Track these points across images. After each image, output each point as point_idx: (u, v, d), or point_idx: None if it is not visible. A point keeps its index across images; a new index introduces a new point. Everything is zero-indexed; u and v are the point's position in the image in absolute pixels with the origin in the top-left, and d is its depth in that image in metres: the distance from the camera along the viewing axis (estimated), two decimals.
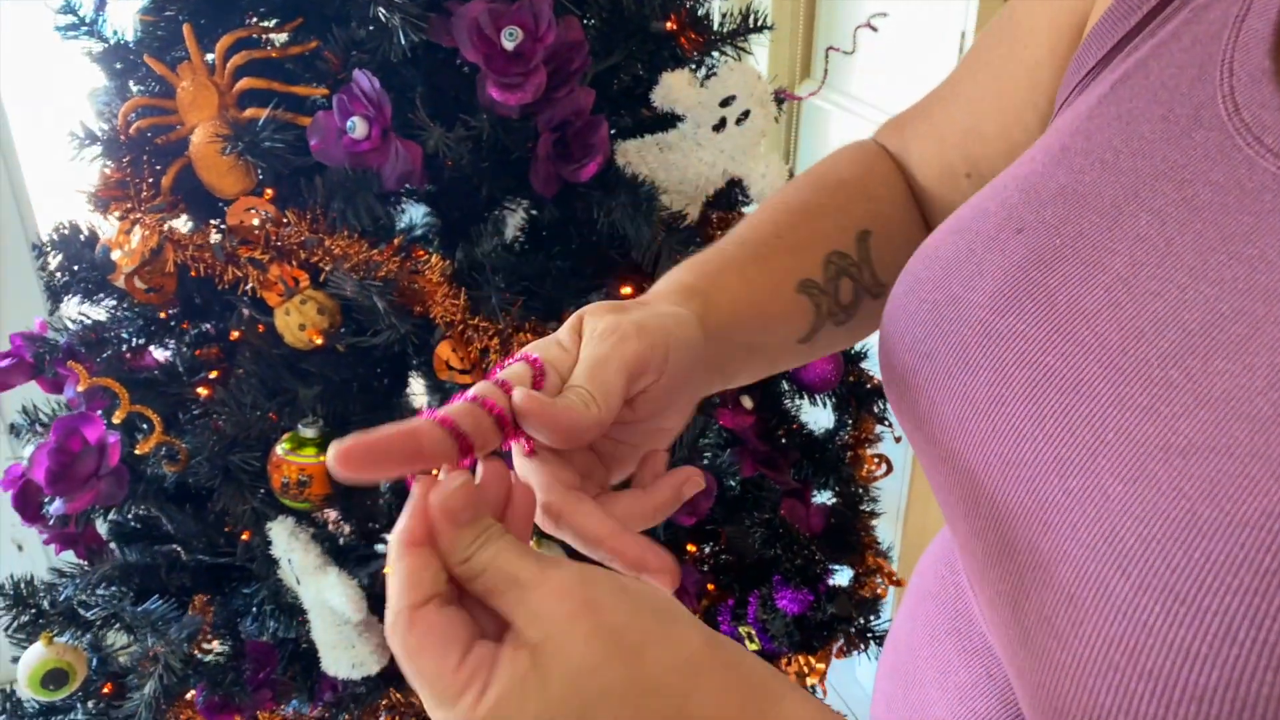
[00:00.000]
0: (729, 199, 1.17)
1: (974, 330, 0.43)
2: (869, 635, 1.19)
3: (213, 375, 1.24)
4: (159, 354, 1.30)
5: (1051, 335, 0.40)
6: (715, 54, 1.13)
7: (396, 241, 1.03)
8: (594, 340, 0.44)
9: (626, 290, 1.16)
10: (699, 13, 1.12)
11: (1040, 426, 0.39)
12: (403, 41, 0.94)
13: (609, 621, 0.35)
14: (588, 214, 1.05)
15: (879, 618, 1.31)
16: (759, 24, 1.17)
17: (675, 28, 1.11)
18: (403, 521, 0.38)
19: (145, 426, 1.09)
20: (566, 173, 1.01)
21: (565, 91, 0.98)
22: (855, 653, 1.27)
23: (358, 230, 1.02)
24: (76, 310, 1.18)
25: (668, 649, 0.35)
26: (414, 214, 1.22)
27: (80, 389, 1.04)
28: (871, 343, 1.40)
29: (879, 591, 1.37)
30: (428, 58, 1.01)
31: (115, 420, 1.04)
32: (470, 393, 0.42)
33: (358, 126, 0.97)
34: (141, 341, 1.18)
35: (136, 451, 1.05)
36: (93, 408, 1.17)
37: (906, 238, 0.63)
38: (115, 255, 1.07)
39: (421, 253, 1.04)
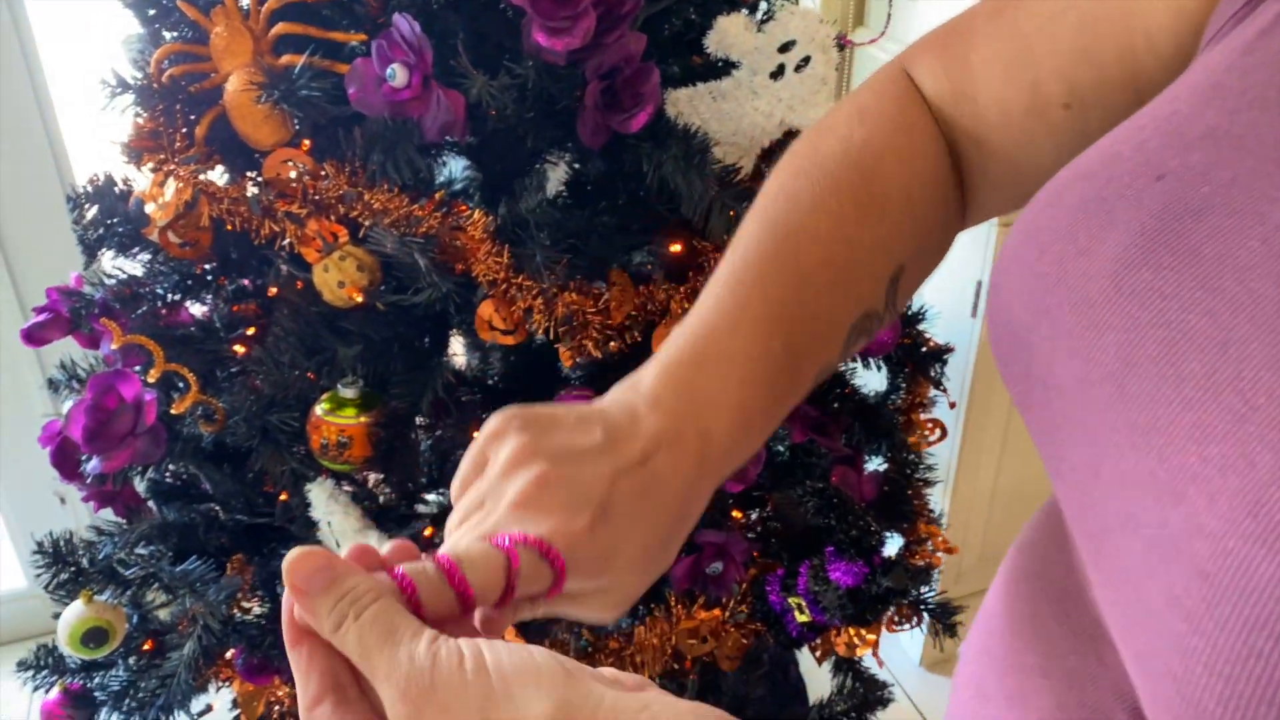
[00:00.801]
0: (783, 152, 1.11)
1: (1103, 286, 0.38)
2: (922, 607, 1.15)
3: (250, 332, 1.21)
4: (195, 310, 1.27)
5: (1195, 291, 0.36)
6: None
7: (438, 196, 0.99)
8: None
9: (675, 248, 1.11)
10: None
11: (1178, 390, 0.35)
12: None
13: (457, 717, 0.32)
14: (636, 167, 1.00)
15: (930, 588, 1.27)
16: None
17: None
18: (285, 621, 0.36)
19: (181, 385, 1.06)
20: (615, 123, 0.96)
21: (615, 36, 0.92)
22: (907, 625, 1.23)
23: (397, 184, 0.98)
24: (111, 265, 1.16)
25: None
26: (454, 168, 1.18)
27: (114, 346, 1.02)
28: (929, 303, 1.35)
29: (932, 560, 1.33)
30: (470, 1, 0.96)
31: (150, 378, 1.01)
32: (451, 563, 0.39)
33: (398, 74, 0.93)
34: (177, 297, 1.15)
35: (172, 410, 1.03)
36: (129, 365, 1.14)
37: (937, 248, 0.58)
38: (149, 208, 1.04)
39: (463, 208, 1.00)
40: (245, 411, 1.04)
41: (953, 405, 1.32)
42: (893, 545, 1.31)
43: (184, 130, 1.02)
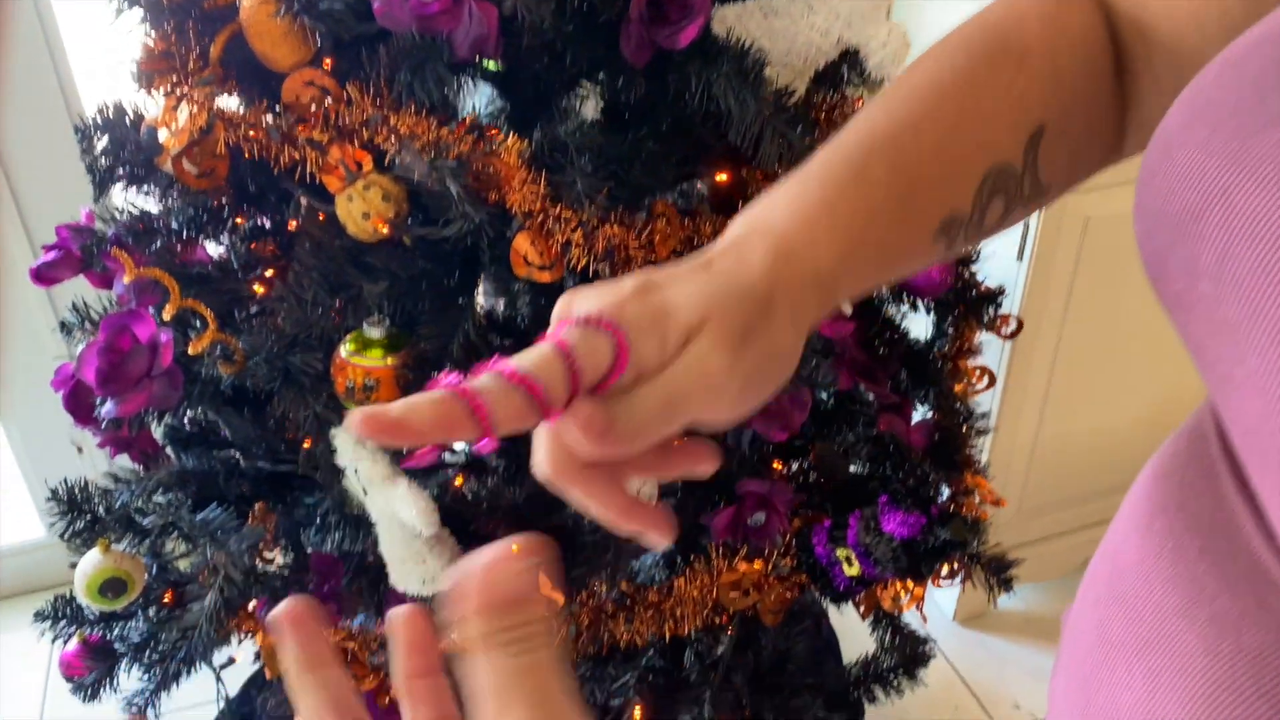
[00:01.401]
0: (836, 76, 1.04)
1: None
2: (975, 560, 1.10)
3: (269, 274, 1.15)
4: (212, 249, 1.21)
5: None
6: None
7: (469, 119, 0.92)
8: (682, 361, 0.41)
9: (722, 177, 1.04)
10: None
11: None
12: None
13: None
14: (681, 88, 0.93)
15: (983, 540, 1.21)
16: None
17: None
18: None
19: (198, 324, 1.00)
20: (661, 37, 0.89)
21: None
22: (957, 579, 1.17)
23: (425, 106, 0.91)
24: (124, 201, 1.10)
25: None
26: (478, 101, 1.11)
27: (127, 280, 0.96)
28: (993, 244, 1.28)
29: (979, 513, 1.27)
30: None
31: (165, 316, 0.95)
32: (512, 367, 0.38)
33: None
34: (193, 234, 1.09)
35: (189, 351, 0.97)
36: (143, 304, 1.09)
37: (1088, 125, 0.52)
38: (162, 135, 0.97)
39: (495, 132, 0.93)
40: (266, 352, 0.98)
41: (1016, 332, 1.25)
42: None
43: (197, 51, 0.95)
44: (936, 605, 2.02)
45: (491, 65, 1.01)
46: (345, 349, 1.00)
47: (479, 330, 1.00)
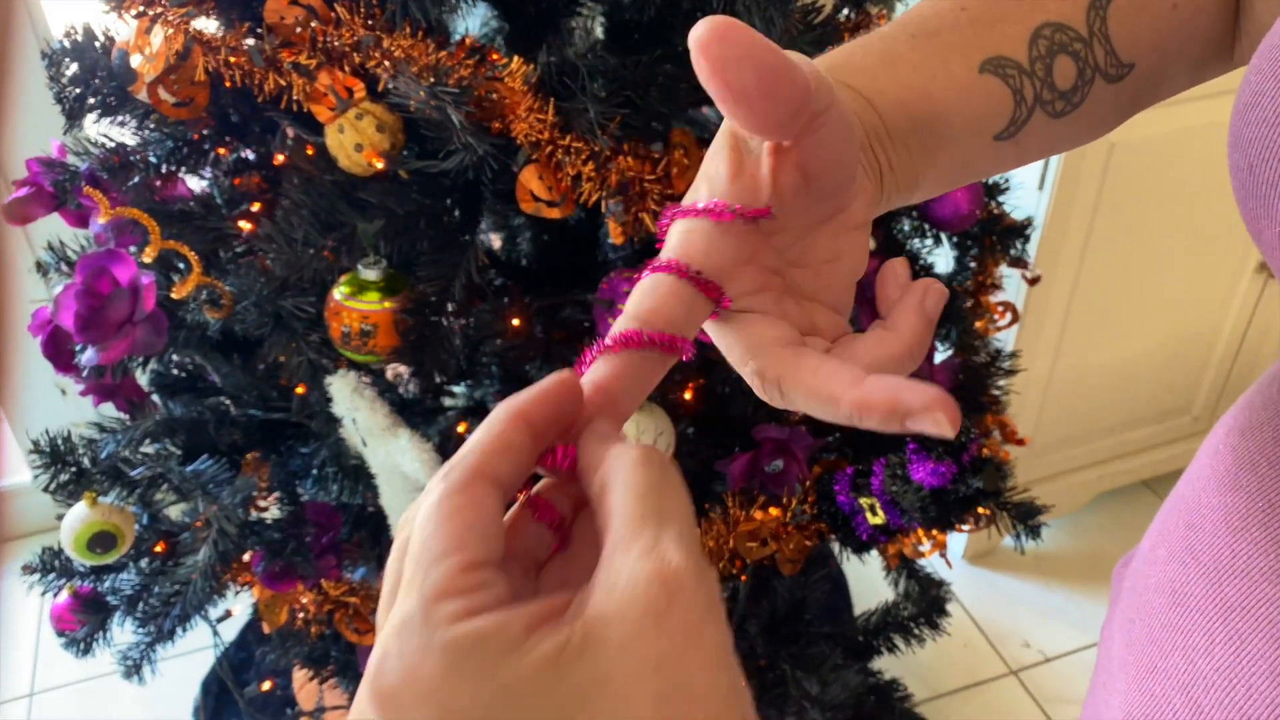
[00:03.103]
0: None
1: None
2: (1004, 506, 1.05)
3: (254, 208, 1.08)
4: (194, 184, 1.14)
5: None
6: None
7: (468, 41, 0.85)
8: None
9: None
10: None
11: None
12: None
13: (686, 671, 0.26)
14: (698, 4, 0.86)
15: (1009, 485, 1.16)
16: None
17: None
18: (525, 395, 0.31)
19: (182, 266, 0.94)
20: None
21: None
22: (980, 525, 1.13)
23: (422, 27, 0.84)
24: (97, 133, 1.02)
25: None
26: (471, 24, 1.03)
27: (102, 220, 0.89)
28: (1014, 174, 1.21)
29: (1001, 454, 1.22)
30: None
31: (146, 258, 0.89)
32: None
33: None
34: (172, 167, 1.02)
35: (173, 295, 0.91)
36: (122, 244, 1.02)
37: (1177, 7, 0.45)
38: (135, 61, 0.90)
39: (497, 55, 0.86)
40: (255, 295, 0.92)
41: (1036, 280, 1.19)
42: None
43: None
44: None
45: None
46: (339, 292, 0.94)
47: (481, 270, 0.94)
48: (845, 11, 0.99)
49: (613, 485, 0.29)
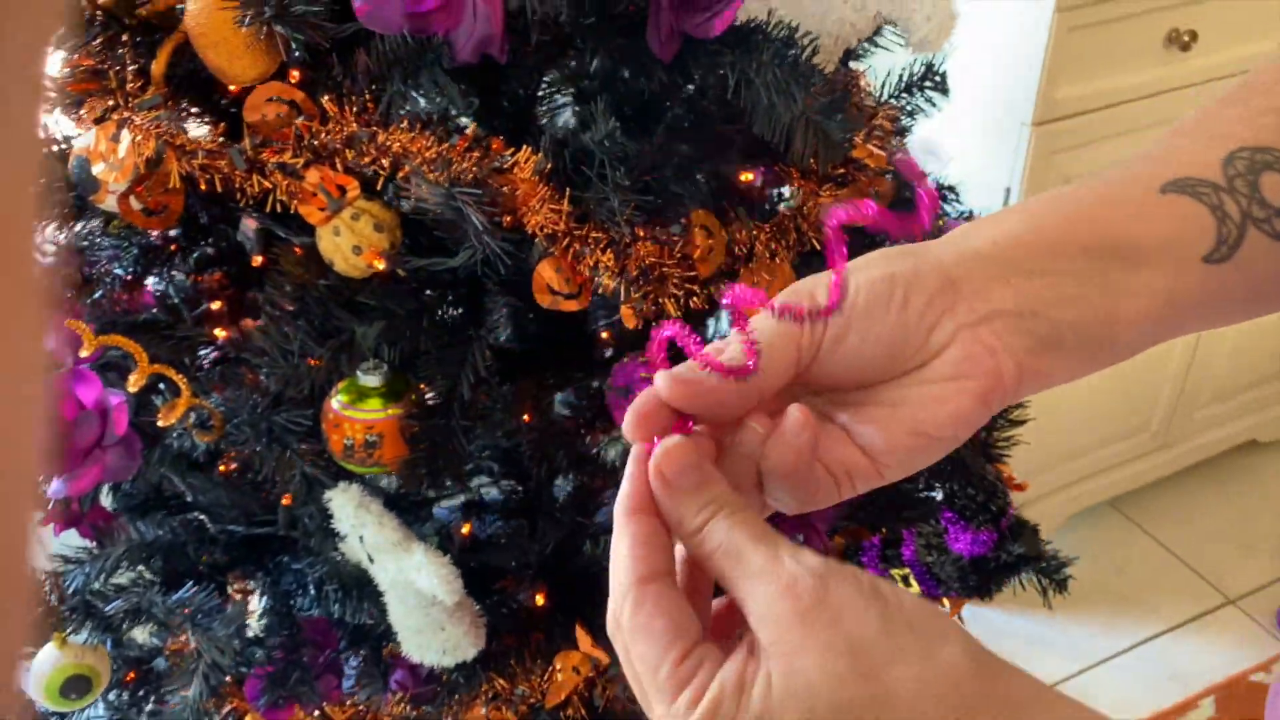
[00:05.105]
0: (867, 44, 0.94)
1: None
2: (1031, 564, 1.02)
3: (215, 306, 1.01)
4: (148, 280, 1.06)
5: None
6: None
7: (470, 132, 0.80)
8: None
9: (747, 177, 0.93)
10: None
11: None
12: None
13: (851, 632, 0.31)
14: (707, 80, 0.82)
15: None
16: None
17: None
18: (623, 488, 0.35)
19: (162, 386, 0.86)
20: (693, 26, 0.77)
21: None
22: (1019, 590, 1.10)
23: (419, 120, 0.78)
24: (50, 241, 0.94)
25: (922, 672, 0.31)
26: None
27: (85, 353, 0.81)
28: (978, 201, 1.20)
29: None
30: None
31: (131, 387, 0.81)
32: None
33: None
34: (136, 272, 0.94)
35: (160, 423, 0.83)
36: (82, 361, 0.93)
37: None
38: (98, 169, 0.82)
39: (499, 144, 0.80)
40: (247, 413, 0.84)
41: None
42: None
43: (135, 67, 0.80)
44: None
45: None
46: (338, 401, 0.87)
47: (489, 367, 0.88)
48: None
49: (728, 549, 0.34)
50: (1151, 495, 2.07)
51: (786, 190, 1.01)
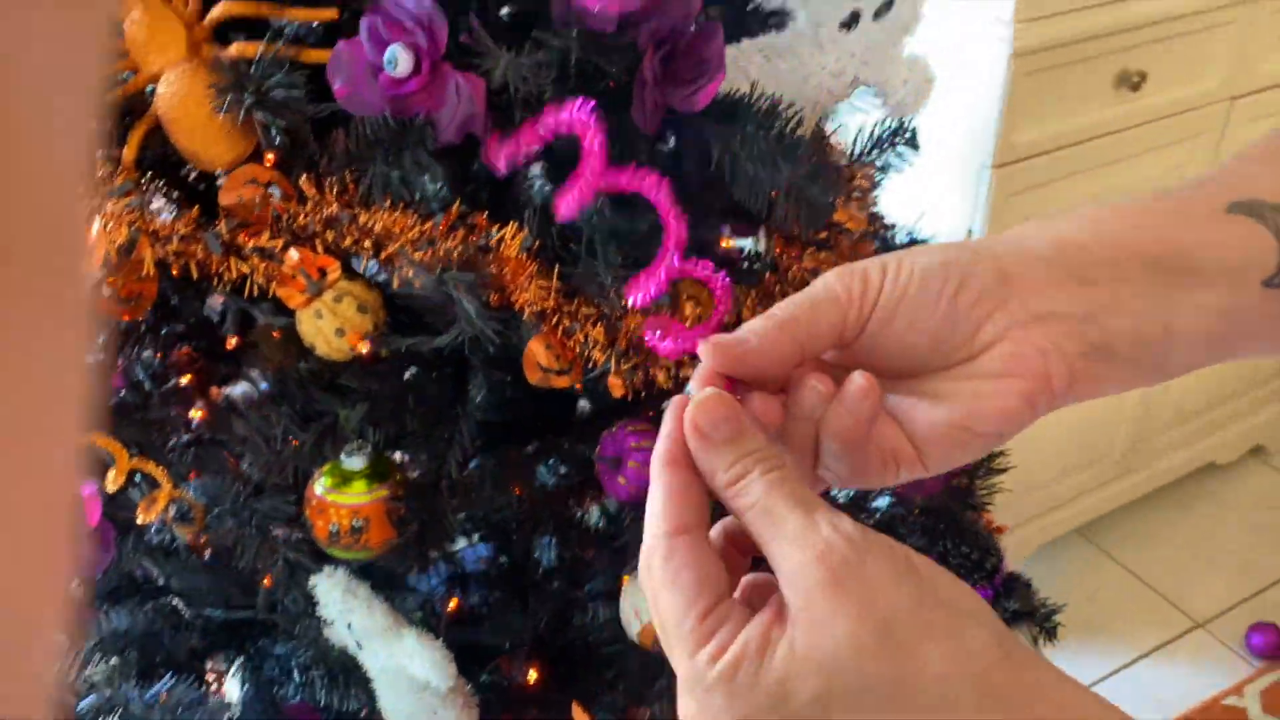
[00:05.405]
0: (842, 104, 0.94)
1: None
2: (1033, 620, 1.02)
3: (185, 380, 0.98)
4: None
5: None
6: None
7: (454, 210, 0.78)
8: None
9: (728, 244, 0.93)
10: None
11: None
12: None
13: (882, 605, 0.31)
14: (692, 151, 0.82)
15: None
16: None
17: None
18: (659, 440, 0.36)
19: (139, 478, 0.83)
20: (678, 99, 0.77)
21: None
22: None
23: (403, 200, 0.77)
24: None
25: (952, 652, 0.31)
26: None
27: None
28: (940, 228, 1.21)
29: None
30: None
31: (110, 487, 0.78)
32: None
33: (400, 60, 0.71)
34: (102, 357, 0.91)
35: (140, 520, 0.80)
36: None
37: None
38: None
39: (483, 220, 0.79)
40: (230, 502, 0.82)
41: None
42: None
43: (104, 153, 0.78)
44: None
45: None
46: (321, 485, 0.85)
47: (475, 444, 0.86)
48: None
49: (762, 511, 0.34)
50: (1117, 521, 2.10)
51: (758, 245, 1.01)
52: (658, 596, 0.33)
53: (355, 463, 0.85)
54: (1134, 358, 0.37)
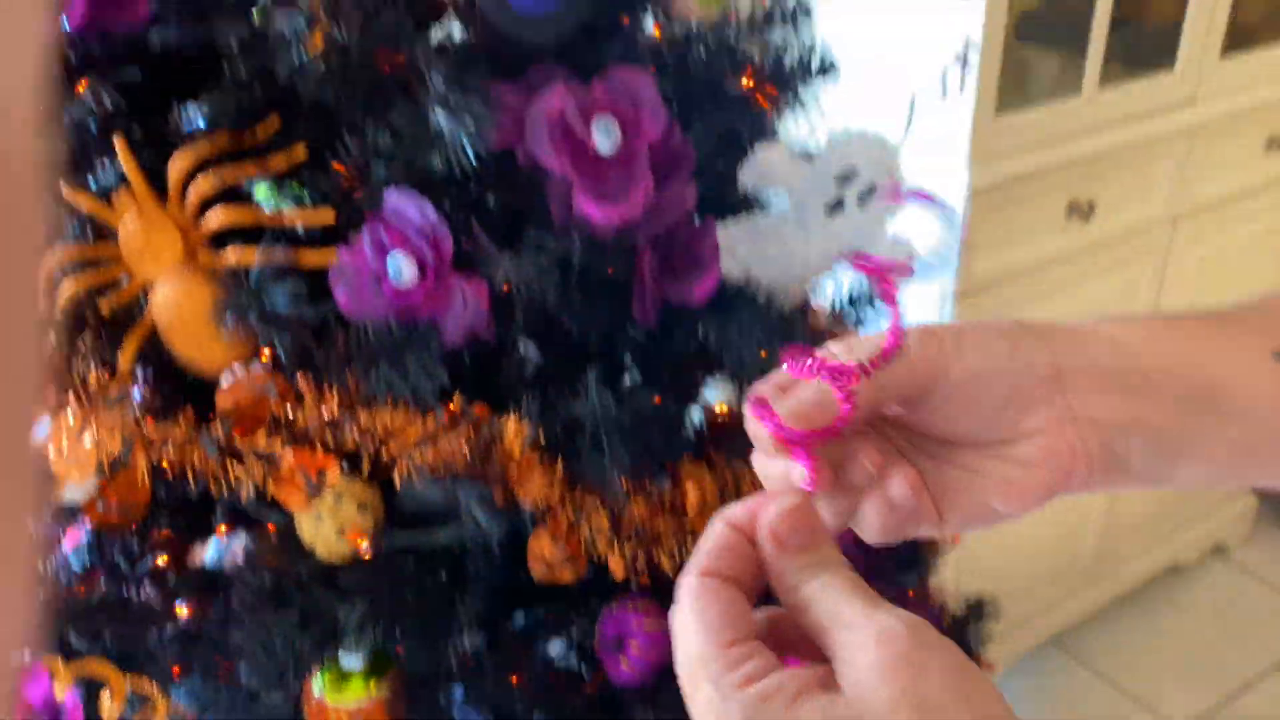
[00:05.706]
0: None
1: None
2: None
3: (162, 562, 0.96)
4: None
5: None
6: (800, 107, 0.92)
7: (453, 406, 0.78)
8: None
9: (722, 409, 0.94)
10: (777, 60, 0.90)
11: None
12: (468, 150, 0.68)
13: (928, 689, 0.31)
14: (689, 341, 0.83)
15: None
16: (824, 66, 0.97)
17: (751, 84, 0.89)
18: (734, 505, 0.37)
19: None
20: (675, 294, 0.78)
21: (671, 194, 0.75)
22: None
23: (404, 398, 0.76)
24: None
25: None
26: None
27: (60, 691, 0.75)
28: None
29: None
30: (484, 169, 0.76)
31: (106, 716, 0.75)
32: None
33: (404, 269, 0.71)
34: (90, 563, 0.88)
35: None
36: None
37: None
38: (53, 462, 0.78)
39: (484, 411, 0.79)
40: (225, 711, 0.79)
41: None
42: None
43: (96, 359, 0.77)
44: None
45: None
46: (318, 686, 0.82)
47: (475, 643, 0.84)
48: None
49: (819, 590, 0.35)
50: (1090, 630, 2.11)
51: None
52: (685, 626, 0.34)
53: (354, 662, 0.83)
54: (1146, 472, 0.40)
